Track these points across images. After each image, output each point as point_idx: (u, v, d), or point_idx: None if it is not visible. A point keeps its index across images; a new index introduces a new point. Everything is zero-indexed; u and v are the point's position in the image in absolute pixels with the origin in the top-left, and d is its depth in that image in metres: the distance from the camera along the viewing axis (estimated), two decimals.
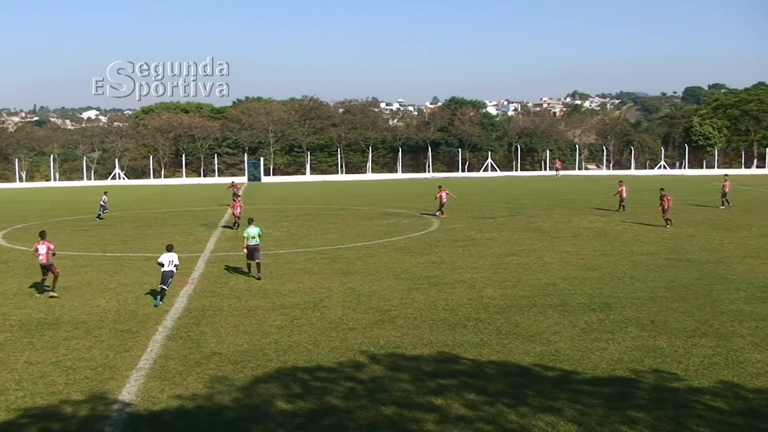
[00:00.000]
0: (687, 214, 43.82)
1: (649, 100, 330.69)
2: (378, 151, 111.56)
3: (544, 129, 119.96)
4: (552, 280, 23.81)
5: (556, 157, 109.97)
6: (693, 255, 28.51)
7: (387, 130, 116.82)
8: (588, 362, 15.21)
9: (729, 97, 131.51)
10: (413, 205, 50.95)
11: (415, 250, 30.41)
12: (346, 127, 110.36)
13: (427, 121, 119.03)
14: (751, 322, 18.32)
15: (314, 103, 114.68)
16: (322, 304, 20.66)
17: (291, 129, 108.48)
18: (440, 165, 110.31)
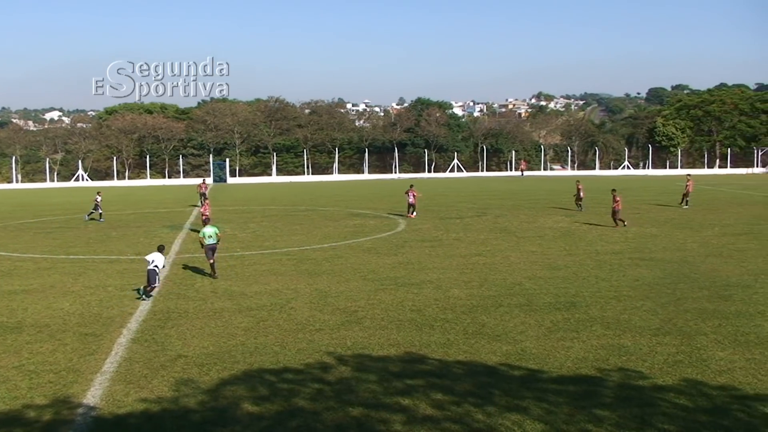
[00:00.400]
0: (650, 213, 44.28)
1: (613, 101, 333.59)
2: (344, 151, 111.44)
3: (510, 130, 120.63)
4: (518, 279, 23.95)
5: (522, 157, 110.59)
6: (657, 254, 28.83)
7: (353, 130, 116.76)
8: (554, 361, 15.32)
9: (692, 98, 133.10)
10: (380, 206, 50.98)
11: (382, 250, 30.43)
12: (313, 128, 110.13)
13: (394, 122, 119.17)
14: (714, 320, 18.57)
15: (280, 104, 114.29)
16: (288, 306, 20.60)
17: (257, 130, 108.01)
18: (407, 166, 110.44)
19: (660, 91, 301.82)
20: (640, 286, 22.81)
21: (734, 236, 33.66)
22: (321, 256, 29.15)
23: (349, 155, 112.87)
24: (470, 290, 22.40)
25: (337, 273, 25.54)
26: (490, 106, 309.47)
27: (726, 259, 27.54)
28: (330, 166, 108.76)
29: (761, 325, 18.06)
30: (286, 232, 36.87)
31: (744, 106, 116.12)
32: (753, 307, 19.92)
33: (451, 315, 19.36)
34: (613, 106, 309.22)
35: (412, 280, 24.13)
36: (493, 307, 20.12)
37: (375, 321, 18.81)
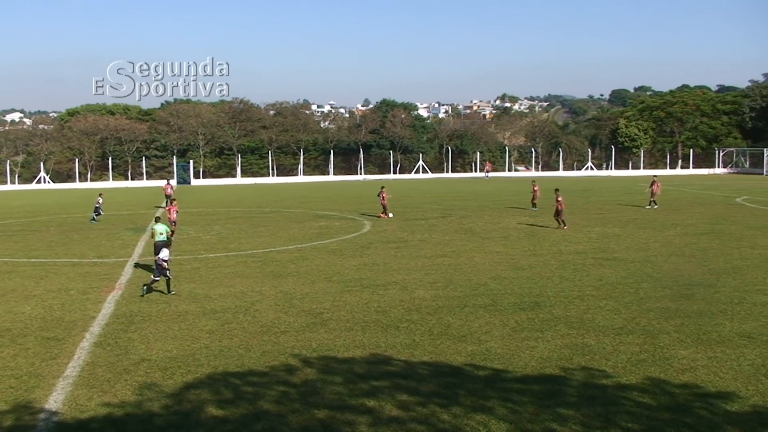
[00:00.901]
0: (613, 213, 44.71)
1: (576, 103, 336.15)
2: (309, 153, 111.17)
3: (475, 131, 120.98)
4: (483, 280, 24.06)
5: (487, 159, 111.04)
6: (620, 254, 29.10)
7: (318, 132, 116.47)
8: (518, 361, 15.41)
9: (654, 99, 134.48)
10: (345, 208, 50.93)
11: (348, 252, 30.41)
12: (277, 129, 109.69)
13: (359, 124, 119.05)
14: (676, 319, 18.79)
15: (244, 105, 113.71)
16: (253, 308, 20.51)
17: (221, 131, 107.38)
18: (372, 167, 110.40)
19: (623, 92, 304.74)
20: (603, 285, 23.02)
21: (696, 236, 34.10)
22: (286, 258, 29.06)
23: (314, 156, 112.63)
24: (435, 291, 22.45)
25: (302, 275, 25.48)
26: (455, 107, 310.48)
27: (688, 259, 27.88)
28: (295, 167, 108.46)
29: (723, 323, 18.31)
30: (250, 234, 36.70)
31: (705, 108, 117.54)
32: (715, 306, 20.18)
33: (417, 316, 19.39)
34: (576, 107, 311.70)
35: (378, 281, 24.14)
36: (458, 308, 20.19)
37: (340, 323, 18.79)
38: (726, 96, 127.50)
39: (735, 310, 19.74)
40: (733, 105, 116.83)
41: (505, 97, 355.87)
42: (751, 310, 19.73)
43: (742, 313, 19.33)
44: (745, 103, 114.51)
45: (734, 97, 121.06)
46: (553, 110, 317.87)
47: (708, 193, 62.07)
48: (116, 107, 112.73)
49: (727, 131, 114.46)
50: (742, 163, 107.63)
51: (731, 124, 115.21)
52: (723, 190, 64.90)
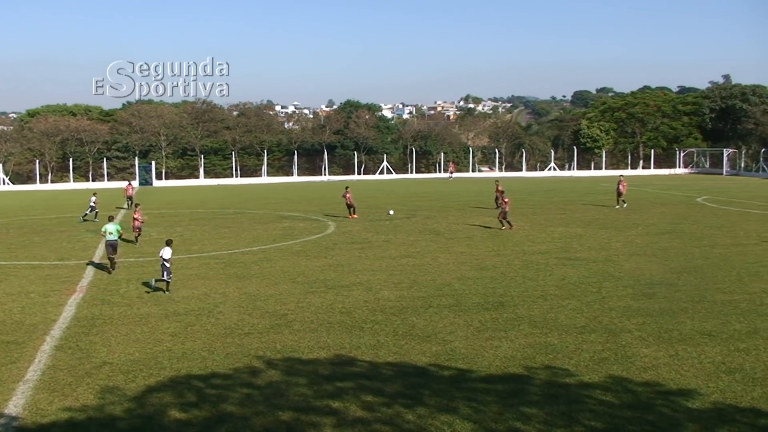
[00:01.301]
0: (576, 214, 45.07)
1: (539, 104, 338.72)
2: (273, 154, 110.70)
3: (438, 132, 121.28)
4: (447, 280, 24.14)
5: (450, 159, 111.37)
6: (582, 254, 29.37)
7: (282, 133, 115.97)
8: (482, 360, 15.48)
9: (616, 100, 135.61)
10: (309, 209, 50.79)
11: (312, 253, 30.35)
12: (241, 130, 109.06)
13: (323, 124, 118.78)
14: (638, 317, 19.00)
15: (207, 106, 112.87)
16: (217, 310, 20.40)
17: (183, 132, 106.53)
18: (336, 168, 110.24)
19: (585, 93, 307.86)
20: (566, 285, 23.22)
21: (657, 235, 34.51)
22: (250, 260, 28.94)
23: (278, 157, 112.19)
24: (400, 292, 22.49)
25: (266, 276, 25.39)
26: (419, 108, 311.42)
27: (650, 258, 28.21)
28: (259, 168, 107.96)
29: (684, 322, 18.56)
30: (214, 236, 36.48)
31: (666, 108, 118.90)
32: (676, 304, 20.45)
33: (381, 316, 19.41)
34: (539, 108, 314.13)
35: (342, 282, 24.12)
36: (422, 308, 20.24)
37: (305, 324, 18.75)
38: (686, 97, 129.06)
39: (696, 308, 20.01)
40: (693, 106, 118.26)
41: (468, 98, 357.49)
42: (711, 308, 20.02)
43: (702, 312, 19.61)
44: (705, 104, 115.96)
45: (695, 98, 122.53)
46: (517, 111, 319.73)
47: (669, 193, 62.83)
48: (77, 108, 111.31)
49: (687, 132, 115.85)
50: (702, 164, 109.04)
51: (692, 124, 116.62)
52: (684, 190, 65.73)
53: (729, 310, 19.86)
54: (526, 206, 50.10)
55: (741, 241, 32.55)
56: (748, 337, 17.17)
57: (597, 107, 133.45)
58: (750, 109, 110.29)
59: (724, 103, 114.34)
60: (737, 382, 14.09)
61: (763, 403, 13.06)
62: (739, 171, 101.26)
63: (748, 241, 32.73)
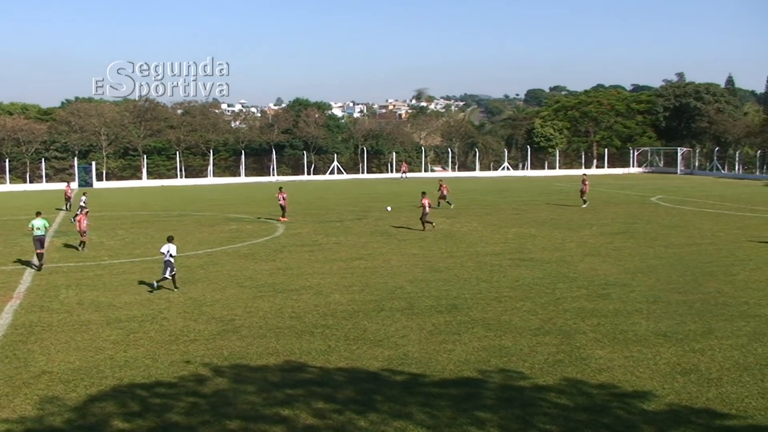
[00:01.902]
0: (530, 214, 45.47)
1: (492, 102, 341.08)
2: (219, 154, 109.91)
3: (390, 131, 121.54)
4: (399, 283, 24.20)
5: (403, 159, 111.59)
6: (536, 254, 29.65)
7: (229, 132, 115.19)
8: (436, 364, 15.54)
9: (569, 99, 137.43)
10: (257, 210, 50.53)
11: (260, 256, 30.19)
12: (185, 129, 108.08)
13: (271, 123, 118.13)
14: (593, 318, 19.24)
15: (150, 104, 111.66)
16: (161, 316, 20.19)
17: (125, 131, 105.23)
18: (285, 168, 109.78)
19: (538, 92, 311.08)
20: (520, 286, 23.42)
21: (611, 235, 34.98)
22: (195, 263, 28.70)
23: (225, 157, 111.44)
24: (351, 295, 22.49)
25: (212, 280, 25.20)
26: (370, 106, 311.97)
27: (604, 258, 28.58)
28: (204, 168, 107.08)
29: (638, 322, 18.83)
30: (157, 239, 36.06)
31: (620, 107, 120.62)
32: (630, 305, 20.74)
33: (332, 321, 19.39)
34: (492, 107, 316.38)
35: (291, 286, 24.04)
36: (374, 312, 20.26)
37: (253, 329, 18.65)
38: (640, 95, 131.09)
39: (650, 309, 20.32)
40: (647, 104, 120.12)
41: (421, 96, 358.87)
42: (666, 308, 20.35)
43: (657, 312, 19.92)
44: (659, 102, 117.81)
45: (648, 97, 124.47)
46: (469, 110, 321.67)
47: (623, 192, 63.72)
48: (14, 106, 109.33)
49: (641, 131, 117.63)
50: (656, 163, 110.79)
51: (645, 123, 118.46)
52: (638, 190, 66.72)
53: (684, 310, 20.20)
54: (480, 207, 50.46)
55: (695, 241, 33.14)
56: (704, 338, 17.48)
57: (550, 106, 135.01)
58: (704, 107, 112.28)
59: (678, 102, 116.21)
60: (692, 383, 14.33)
61: (718, 404, 13.30)
62: (693, 170, 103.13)
63: (702, 240, 33.34)
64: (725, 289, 22.99)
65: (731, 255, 29.36)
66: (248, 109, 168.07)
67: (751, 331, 18.18)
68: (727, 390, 14.00)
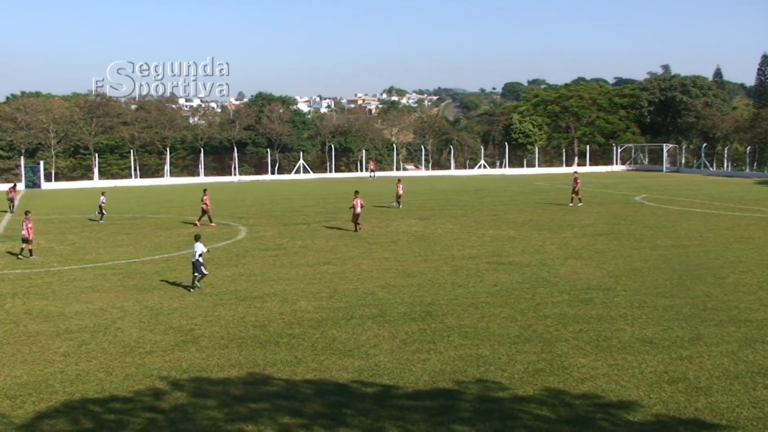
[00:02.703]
0: (508, 215, 45.65)
1: (467, 97, 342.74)
2: (177, 152, 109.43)
3: (359, 127, 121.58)
4: (370, 289, 24.21)
5: (372, 157, 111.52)
6: (515, 258, 29.78)
7: (187, 128, 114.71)
8: (410, 375, 15.56)
9: (549, 93, 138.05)
10: (218, 212, 50.31)
11: (221, 261, 30.09)
12: (140, 125, 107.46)
13: (232, 119, 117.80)
14: (575, 325, 19.35)
15: (102, 99, 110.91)
16: (114, 326, 20.06)
17: (75, 128, 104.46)
18: (247, 167, 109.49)
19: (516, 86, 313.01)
20: (498, 291, 23.51)
21: (594, 237, 35.22)
22: (151, 270, 28.54)
23: (183, 156, 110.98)
24: (319, 302, 22.47)
25: (170, 288, 25.08)
26: (338, 101, 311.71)
27: (586, 261, 28.77)
28: (161, 168, 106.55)
29: (623, 329, 18.97)
30: (110, 244, 35.86)
31: (602, 102, 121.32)
32: (614, 310, 20.89)
33: (298, 330, 19.36)
34: (467, 101, 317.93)
35: (255, 293, 23.98)
36: (343, 320, 20.25)
37: (214, 340, 18.58)
38: (623, 89, 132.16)
39: (635, 314, 20.49)
40: (630, 99, 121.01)
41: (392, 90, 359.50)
42: (651, 314, 20.51)
43: (642, 318, 20.08)
44: (644, 96, 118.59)
45: (632, 91, 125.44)
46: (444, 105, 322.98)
47: (606, 191, 64.17)
48: None
49: (624, 126, 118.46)
50: (640, 160, 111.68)
51: (629, 118, 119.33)
52: (621, 189, 67.25)
53: (671, 315, 20.38)
54: (455, 207, 50.60)
55: (682, 242, 33.46)
56: (691, 344, 17.65)
57: (529, 100, 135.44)
58: (690, 101, 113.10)
59: (664, 96, 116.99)
60: (680, 393, 14.46)
61: (707, 414, 13.43)
62: (679, 167, 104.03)
63: (689, 242, 33.66)
64: (714, 292, 23.23)
65: (720, 257, 29.68)
66: (207, 105, 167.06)
67: (742, 337, 18.38)
68: (717, 399, 14.14)
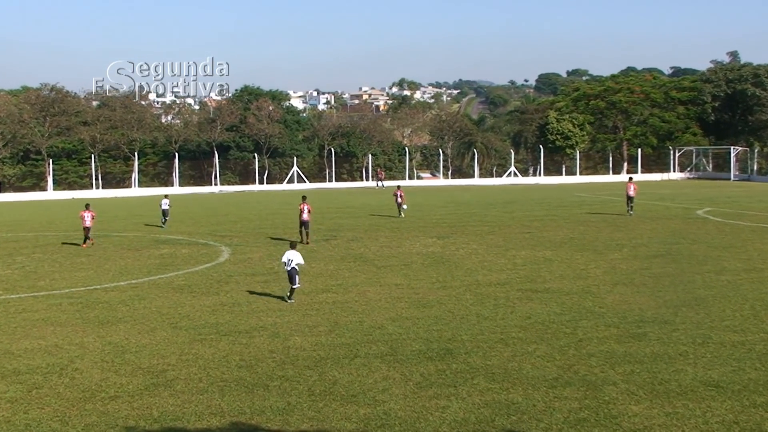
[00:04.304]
0: (544, 232, 45.53)
1: (494, 91, 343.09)
2: (147, 157, 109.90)
3: (365, 127, 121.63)
4: (378, 322, 24.15)
5: (380, 164, 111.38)
6: (552, 284, 29.68)
7: (158, 129, 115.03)
8: (426, 425, 15.50)
9: (592, 86, 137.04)
10: (196, 229, 50.45)
11: (200, 288, 30.10)
12: (103, 125, 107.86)
13: (213, 118, 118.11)
14: (625, 365, 19.24)
15: (57, 94, 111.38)
16: (72, 367, 20.05)
17: (25, 129, 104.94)
18: (230, 175, 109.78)
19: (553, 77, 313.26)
20: (532, 325, 23.42)
21: (648, 259, 35.07)
22: (116, 299, 28.56)
23: (153, 162, 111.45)
24: (316, 337, 22.42)
25: (138, 320, 25.07)
26: (338, 96, 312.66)
27: (638, 288, 28.64)
28: (127, 176, 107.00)
29: (683, 369, 18.84)
30: (67, 267, 35.93)
31: (657, 96, 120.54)
32: (672, 347, 20.78)
33: (292, 371, 19.32)
34: (494, 96, 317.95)
35: (240, 326, 23.96)
36: (346, 359, 20.20)
37: (191, 383, 18.56)
38: (682, 81, 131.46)
39: (698, 352, 20.36)
40: (691, 92, 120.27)
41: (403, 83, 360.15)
42: (718, 352, 20.39)
43: (707, 357, 19.96)
44: (707, 89, 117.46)
45: (693, 83, 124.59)
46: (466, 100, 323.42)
47: (662, 204, 64.00)
48: None
49: (684, 126, 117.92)
50: (703, 166, 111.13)
51: (689, 116, 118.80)
52: (680, 201, 67.07)
53: (741, 354, 20.26)
54: (480, 223, 50.51)
55: (755, 265, 33.28)
56: (767, 389, 17.54)
57: (568, 95, 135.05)
58: (764, 95, 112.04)
59: (731, 89, 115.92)
60: None
61: None
62: (750, 175, 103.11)
63: (764, 264, 33.48)
64: None
65: None
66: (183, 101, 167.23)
67: None
68: None
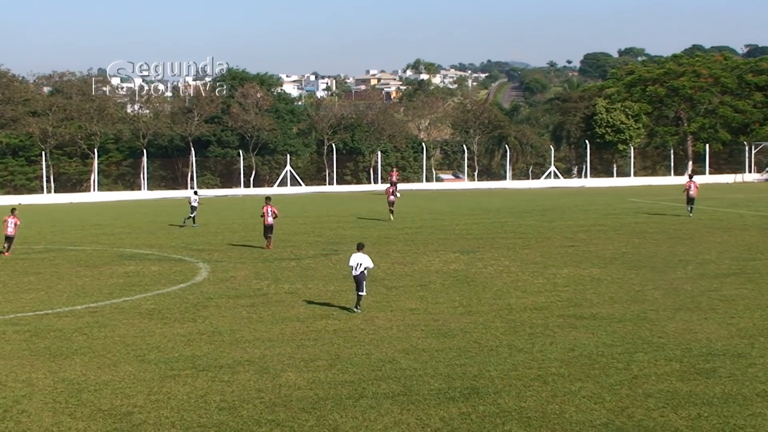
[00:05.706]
0: (591, 246, 45.45)
1: (530, 74, 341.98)
2: (109, 155, 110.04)
3: (373, 119, 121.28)
4: (389, 354, 24.13)
5: (393, 164, 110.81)
6: (601, 309, 29.61)
7: (123, 121, 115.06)
8: None
9: (650, 68, 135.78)
10: (168, 243, 50.47)
11: (172, 314, 30.10)
12: (56, 117, 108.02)
13: (189, 108, 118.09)
14: (690, 408, 19.18)
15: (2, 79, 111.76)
16: (17, 408, 20.07)
17: None
18: (210, 176, 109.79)
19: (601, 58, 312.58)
20: (576, 359, 23.37)
21: (718, 278, 34.98)
22: (71, 326, 28.58)
23: (117, 161, 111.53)
24: (314, 373, 22.41)
25: (98, 352, 25.08)
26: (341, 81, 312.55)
27: (706, 314, 28.56)
28: (85, 178, 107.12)
29: (762, 413, 18.77)
30: (12, 288, 35.99)
31: (729, 81, 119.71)
32: (748, 386, 20.70)
33: (284, 414, 19.31)
34: (530, 81, 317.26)
35: (221, 359, 23.95)
36: (350, 400, 20.18)
37: (161, 428, 18.55)
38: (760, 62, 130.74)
39: None
40: None
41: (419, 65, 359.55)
42: None
43: None
44: None
45: None
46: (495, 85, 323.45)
47: (734, 211, 63.91)
48: None
49: (762, 116, 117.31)
50: None
51: None
52: (758, 207, 66.91)
53: None
54: (513, 235, 50.42)
55: None
56: None
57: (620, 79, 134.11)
58: None
59: None
60: None
61: None
62: None
63: None
64: None
65: None
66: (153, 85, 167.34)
67: None
68: None
